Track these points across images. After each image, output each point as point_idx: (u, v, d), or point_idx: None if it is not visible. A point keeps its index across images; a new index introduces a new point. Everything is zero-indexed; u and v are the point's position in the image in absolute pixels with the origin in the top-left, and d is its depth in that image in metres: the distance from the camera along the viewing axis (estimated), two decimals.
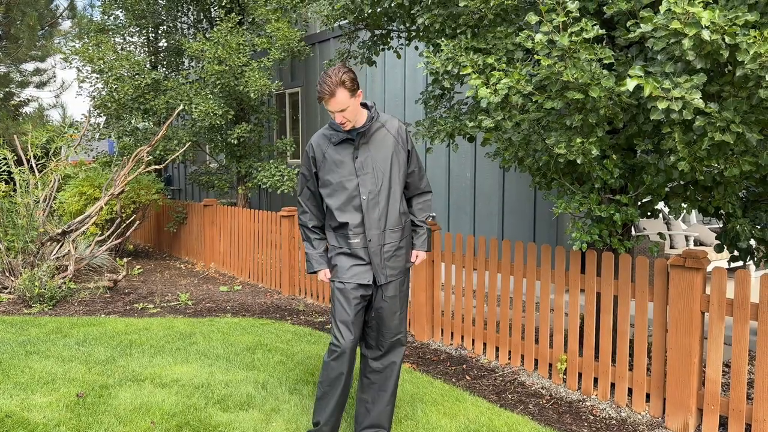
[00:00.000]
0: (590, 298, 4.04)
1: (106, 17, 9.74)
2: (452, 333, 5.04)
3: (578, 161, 3.23)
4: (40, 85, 12.01)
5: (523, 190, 6.76)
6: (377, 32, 5.43)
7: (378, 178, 2.97)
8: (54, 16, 12.03)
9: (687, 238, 6.98)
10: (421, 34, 4.49)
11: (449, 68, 3.62)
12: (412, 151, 3.09)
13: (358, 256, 3.01)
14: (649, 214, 4.07)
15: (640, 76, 2.80)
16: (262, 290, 7.32)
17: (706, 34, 2.62)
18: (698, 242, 7.12)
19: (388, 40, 5.45)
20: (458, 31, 3.78)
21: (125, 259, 7.56)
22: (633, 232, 5.79)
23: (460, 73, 3.55)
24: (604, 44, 3.60)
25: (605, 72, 3.04)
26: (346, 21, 5.60)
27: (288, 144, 9.28)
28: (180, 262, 9.35)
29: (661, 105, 2.74)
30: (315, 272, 3.18)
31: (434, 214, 8.06)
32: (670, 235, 6.84)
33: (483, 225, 7.27)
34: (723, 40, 2.68)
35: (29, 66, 11.84)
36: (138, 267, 8.68)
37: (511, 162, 3.87)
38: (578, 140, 3.15)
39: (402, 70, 8.23)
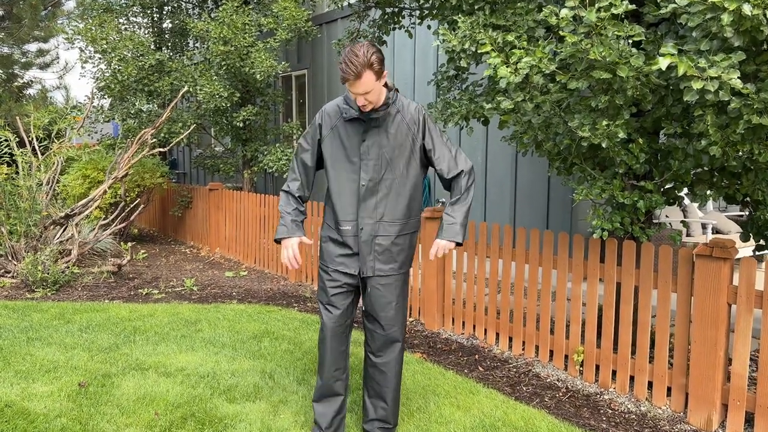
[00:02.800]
0: (610, 288, 3.89)
1: None
2: (464, 322, 4.91)
3: (603, 145, 3.06)
4: (44, 67, 11.85)
5: (536, 176, 6.58)
6: (388, 10, 5.24)
7: (381, 167, 2.79)
8: None
9: (704, 225, 6.80)
10: (435, 11, 4.30)
11: (466, 46, 3.44)
12: (427, 135, 2.86)
13: (346, 245, 2.84)
14: (670, 201, 3.91)
15: (673, 55, 2.62)
16: (269, 276, 7.20)
17: (747, 9, 2.44)
18: (715, 230, 6.94)
19: (400, 18, 5.26)
20: (476, 7, 3.60)
21: (129, 244, 7.44)
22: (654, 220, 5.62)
23: (478, 51, 3.37)
24: (629, 21, 3.41)
25: (634, 50, 2.86)
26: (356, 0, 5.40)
27: (294, 127, 9.11)
28: (185, 246, 9.24)
29: (696, 85, 2.57)
30: (280, 240, 2.90)
31: (443, 200, 7.90)
32: (686, 223, 6.66)
33: (494, 211, 7.12)
34: (765, 15, 2.50)
35: (32, 47, 11.67)
36: (142, 251, 8.57)
37: (530, 146, 3.71)
38: (604, 123, 2.98)
39: (412, 51, 8.03)
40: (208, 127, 9.37)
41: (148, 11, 10.12)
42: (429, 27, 5.32)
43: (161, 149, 6.62)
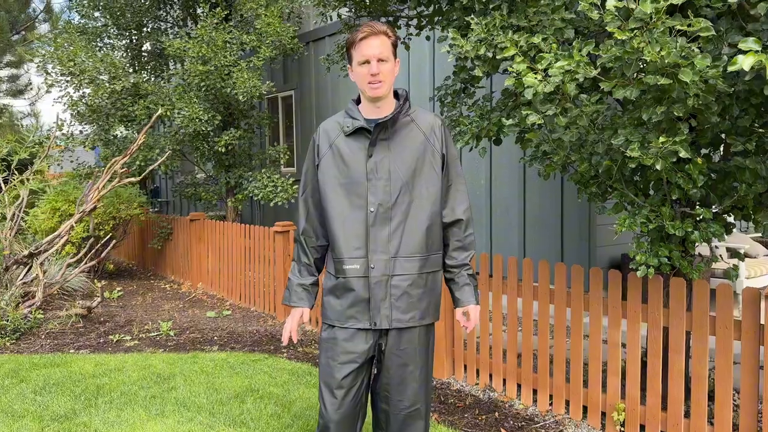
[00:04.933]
0: (655, 333, 3.29)
1: (84, 18, 8.97)
2: (478, 370, 4.28)
3: (657, 167, 2.48)
4: (15, 94, 11.21)
5: (547, 200, 6.01)
6: (383, 20, 4.69)
7: (394, 187, 2.22)
8: (30, 19, 11.26)
9: (728, 250, 6.24)
10: (438, 18, 3.76)
11: (481, 52, 2.88)
12: (448, 156, 2.32)
13: (351, 289, 2.23)
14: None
15: (758, 51, 2.06)
16: (255, 315, 6.54)
17: None
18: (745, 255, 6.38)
19: (396, 29, 4.71)
20: (491, 6, 3.04)
21: (100, 283, 6.78)
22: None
23: (497, 57, 2.80)
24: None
25: (696, 49, 2.30)
26: (347, 9, 4.87)
27: (281, 151, 8.53)
28: (165, 281, 8.56)
29: None
30: (290, 306, 2.37)
31: None
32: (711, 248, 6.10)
33: (501, 240, 6.52)
34: None
35: (3, 72, 11.04)
36: (118, 289, 7.89)
37: (557, 168, 3.13)
38: (661, 140, 2.40)
39: (405, 67, 7.49)
40: (188, 153, 8.76)
41: (126, 33, 9.56)
42: (428, 38, 4.78)
43: (133, 179, 6.00)
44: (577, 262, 5.70)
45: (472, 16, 2.94)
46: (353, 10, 4.79)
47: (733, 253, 6.36)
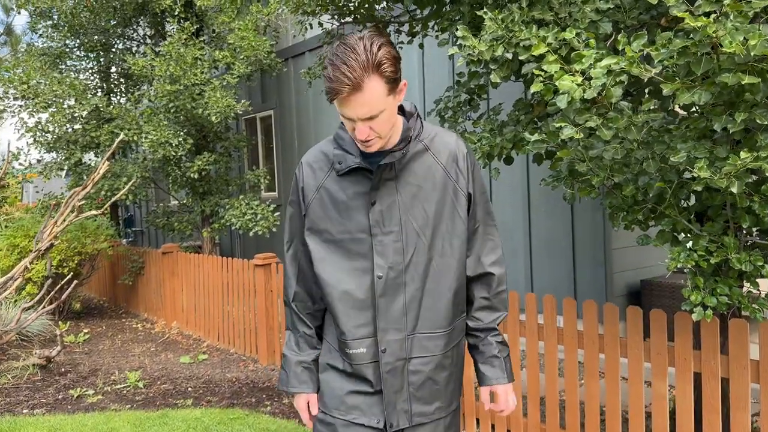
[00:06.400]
0: (711, 385, 2.75)
1: (42, 38, 8.36)
2: (493, 425, 3.71)
3: (733, 190, 1.95)
4: None
5: (556, 221, 5.48)
6: (369, 25, 4.18)
7: (408, 243, 1.66)
8: None
9: None
10: (437, 20, 3.23)
11: (499, 53, 2.34)
12: (476, 194, 1.76)
13: (361, 378, 1.68)
14: None
15: None
16: (234, 358, 5.91)
17: None
18: None
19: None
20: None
21: (65, 326, 6.11)
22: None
23: (520, 57, 2.27)
24: None
25: None
26: (329, 16, 4.34)
27: (261, 176, 7.94)
28: (138, 320, 7.88)
29: None
30: (289, 392, 1.80)
31: None
32: None
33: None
34: None
35: None
36: (85, 331, 7.20)
37: (594, 192, 2.59)
38: (742, 155, 1.87)
39: None
40: (159, 180, 8.14)
41: (92, 54, 8.96)
42: (421, 46, 4.26)
43: (95, 212, 5.38)
44: (593, 290, 5.17)
45: (485, 9, 2.42)
46: (336, 16, 4.26)
47: None
